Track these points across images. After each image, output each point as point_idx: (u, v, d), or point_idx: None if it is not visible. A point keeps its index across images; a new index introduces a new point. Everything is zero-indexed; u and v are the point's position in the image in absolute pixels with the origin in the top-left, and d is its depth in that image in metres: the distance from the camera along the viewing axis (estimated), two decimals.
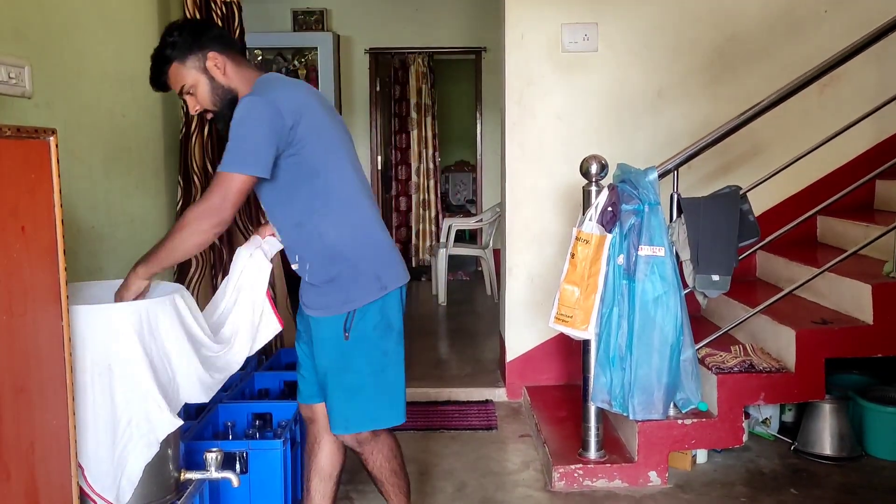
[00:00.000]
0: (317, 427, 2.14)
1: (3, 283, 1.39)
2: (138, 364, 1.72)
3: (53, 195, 1.54)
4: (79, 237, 2.52)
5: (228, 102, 1.89)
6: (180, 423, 1.79)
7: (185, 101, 1.95)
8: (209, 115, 1.95)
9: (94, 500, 1.71)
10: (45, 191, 1.52)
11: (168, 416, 1.74)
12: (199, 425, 2.37)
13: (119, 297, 1.83)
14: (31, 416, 1.47)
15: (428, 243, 7.59)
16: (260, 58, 7.29)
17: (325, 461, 2.15)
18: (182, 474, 1.93)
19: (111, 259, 2.77)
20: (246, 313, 2.00)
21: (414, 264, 7.61)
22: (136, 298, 1.82)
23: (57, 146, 1.54)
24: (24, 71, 2.18)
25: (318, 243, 1.91)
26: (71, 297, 1.60)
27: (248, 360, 3.12)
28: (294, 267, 1.98)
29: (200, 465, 1.98)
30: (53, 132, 1.54)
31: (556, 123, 3.57)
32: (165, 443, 1.82)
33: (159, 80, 1.91)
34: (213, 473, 1.94)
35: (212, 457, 1.94)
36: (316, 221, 1.89)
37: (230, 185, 1.77)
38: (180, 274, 3.26)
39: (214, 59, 1.89)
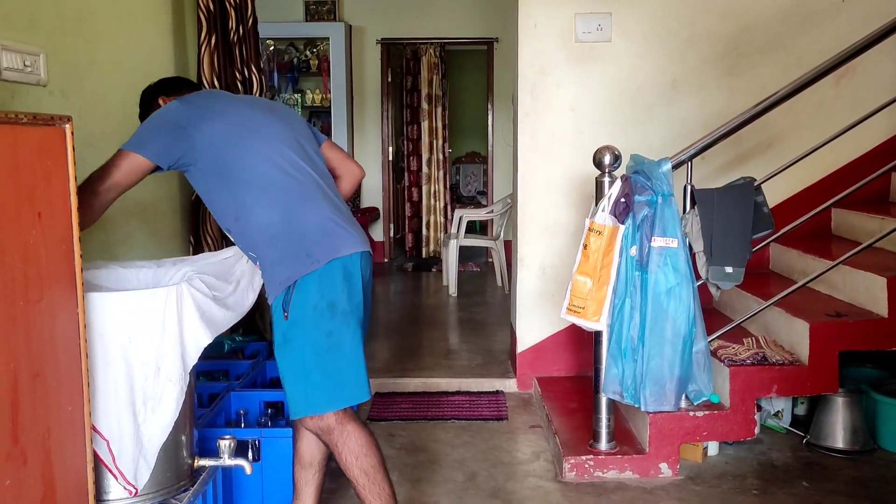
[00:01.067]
0: None
1: (20, 270, 1.40)
2: (152, 347, 1.73)
3: (69, 182, 1.55)
4: (92, 226, 2.53)
5: None
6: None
7: None
8: None
9: (116, 477, 1.73)
10: (61, 178, 1.53)
11: (178, 392, 1.78)
12: (211, 413, 2.38)
13: None
14: (47, 402, 1.49)
15: (438, 234, 7.59)
16: (272, 48, 7.30)
17: (303, 449, 2.14)
18: (196, 461, 1.95)
19: (124, 247, 2.78)
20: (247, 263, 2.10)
21: (424, 255, 7.62)
22: None
23: (72, 133, 1.55)
24: (38, 59, 2.19)
25: (255, 232, 1.97)
26: (85, 285, 1.61)
27: (260, 349, 3.16)
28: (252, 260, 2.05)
29: (213, 453, 2.00)
30: (69, 119, 1.54)
31: (568, 114, 3.55)
32: (179, 429, 1.83)
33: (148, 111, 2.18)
34: (227, 460, 1.96)
35: (225, 444, 1.96)
36: (247, 212, 1.96)
37: (122, 162, 1.88)
38: None
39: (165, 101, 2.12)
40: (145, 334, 1.73)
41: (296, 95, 7.46)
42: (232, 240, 2.07)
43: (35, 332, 1.44)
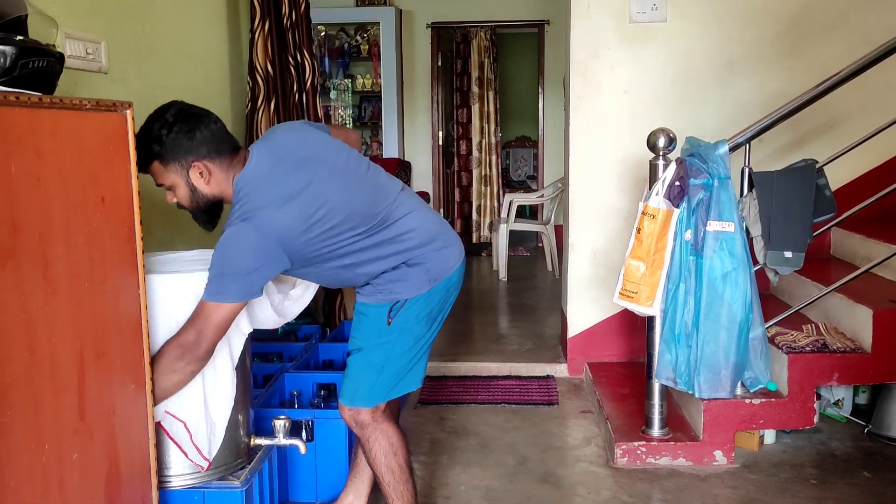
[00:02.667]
0: None
1: (85, 252, 1.44)
2: None
3: (130, 167, 1.59)
4: (152, 209, 2.59)
5: (209, 207, 1.85)
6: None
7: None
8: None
9: (186, 454, 1.80)
10: (123, 162, 1.57)
11: (231, 367, 1.83)
12: (266, 394, 2.43)
13: None
14: (112, 380, 1.54)
15: (488, 219, 7.57)
16: (323, 33, 7.35)
17: None
18: (252, 440, 1.99)
19: (182, 232, 2.85)
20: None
21: (474, 240, 7.61)
22: None
23: (133, 119, 1.59)
24: (100, 47, 2.25)
25: (366, 269, 1.89)
26: (147, 267, 1.66)
27: (313, 331, 3.21)
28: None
29: (269, 432, 2.04)
30: (130, 105, 1.58)
31: (621, 96, 3.49)
32: (236, 408, 1.88)
33: (140, 165, 1.67)
34: (282, 440, 2.00)
35: (280, 424, 1.99)
36: (358, 259, 1.86)
37: (209, 317, 1.69)
38: None
39: (199, 169, 1.77)
40: None
41: (346, 80, 7.50)
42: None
43: (99, 313, 1.49)
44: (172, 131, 1.74)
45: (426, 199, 7.24)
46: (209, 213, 1.86)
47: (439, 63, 7.27)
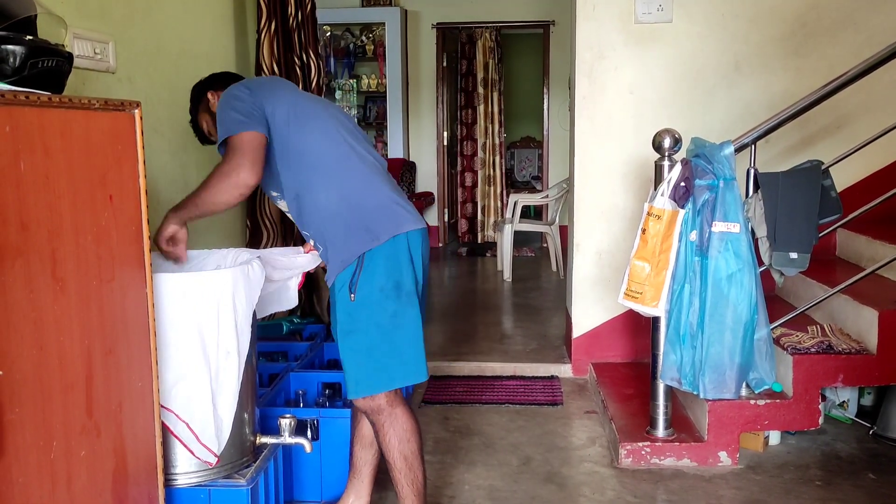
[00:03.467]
0: None
1: (93, 250, 1.45)
2: (212, 325, 1.79)
3: (138, 166, 1.60)
4: (159, 209, 2.59)
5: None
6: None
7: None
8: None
9: (192, 452, 1.80)
10: (131, 161, 1.58)
11: (237, 364, 1.86)
12: (271, 392, 2.44)
13: (155, 240, 1.93)
14: (119, 377, 1.55)
15: (493, 219, 7.58)
16: (329, 33, 7.36)
17: (366, 429, 2.17)
18: (258, 438, 2.00)
19: (189, 232, 2.85)
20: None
21: (479, 240, 7.62)
22: (170, 243, 1.95)
23: (141, 118, 1.60)
24: (108, 47, 2.26)
25: (314, 211, 1.99)
26: (153, 266, 1.66)
27: (318, 331, 3.22)
28: (311, 243, 2.09)
29: (274, 431, 2.05)
30: (138, 105, 1.59)
31: (627, 97, 3.49)
32: (242, 406, 1.89)
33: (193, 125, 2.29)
34: (287, 438, 2.00)
35: (286, 422, 2.00)
36: (308, 192, 1.98)
37: (238, 143, 1.89)
38: (254, 244, 3.34)
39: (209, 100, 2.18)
40: (208, 314, 1.78)
41: (351, 81, 7.52)
42: (291, 219, 2.10)
43: (107, 311, 1.50)
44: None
45: (431, 199, 7.26)
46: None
47: (444, 63, 7.28)
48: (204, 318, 1.77)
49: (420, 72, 7.20)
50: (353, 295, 1.92)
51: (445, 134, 7.41)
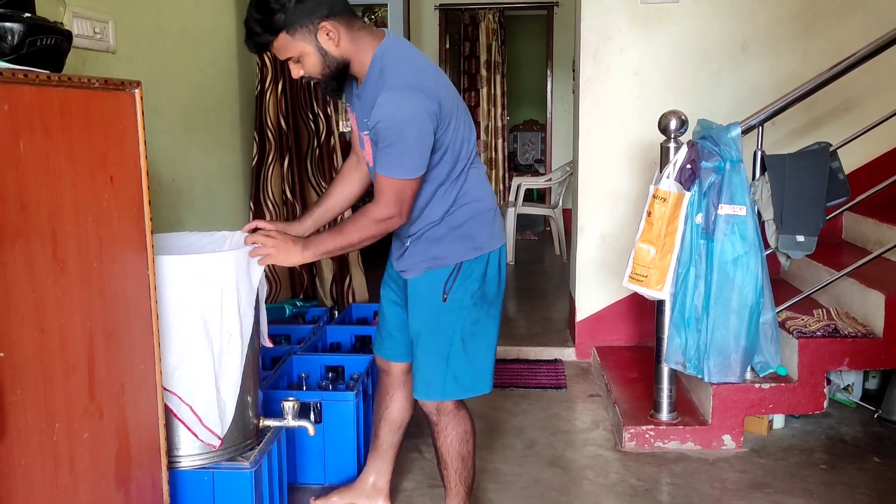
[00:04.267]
0: (391, 379, 2.16)
1: (94, 231, 1.44)
2: (215, 307, 1.77)
3: (139, 147, 1.58)
4: (160, 190, 2.59)
5: (338, 71, 1.79)
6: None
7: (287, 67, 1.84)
8: (314, 81, 1.85)
9: (196, 435, 1.79)
10: (132, 142, 1.56)
11: (240, 345, 1.84)
12: (274, 375, 2.43)
13: (268, 259, 1.83)
14: (121, 359, 1.53)
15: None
16: None
17: (396, 413, 2.19)
18: (261, 421, 1.99)
19: (190, 213, 2.84)
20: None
21: None
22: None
23: (142, 98, 1.57)
24: (108, 26, 2.23)
25: (426, 204, 1.87)
26: (154, 248, 1.65)
27: (320, 314, 3.21)
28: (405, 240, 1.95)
29: (277, 414, 2.04)
30: (138, 84, 1.57)
31: (632, 79, 3.46)
32: (245, 389, 1.88)
33: (262, 45, 1.74)
34: (291, 421, 1.99)
35: (289, 405, 1.99)
36: (433, 193, 1.86)
37: (402, 190, 1.75)
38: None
39: (327, 30, 1.71)
40: (211, 296, 1.77)
41: None
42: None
43: (109, 293, 1.49)
44: None
45: None
46: (339, 79, 1.81)
47: (447, 45, 7.22)
48: (206, 300, 1.76)
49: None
50: (445, 296, 1.88)
51: None
